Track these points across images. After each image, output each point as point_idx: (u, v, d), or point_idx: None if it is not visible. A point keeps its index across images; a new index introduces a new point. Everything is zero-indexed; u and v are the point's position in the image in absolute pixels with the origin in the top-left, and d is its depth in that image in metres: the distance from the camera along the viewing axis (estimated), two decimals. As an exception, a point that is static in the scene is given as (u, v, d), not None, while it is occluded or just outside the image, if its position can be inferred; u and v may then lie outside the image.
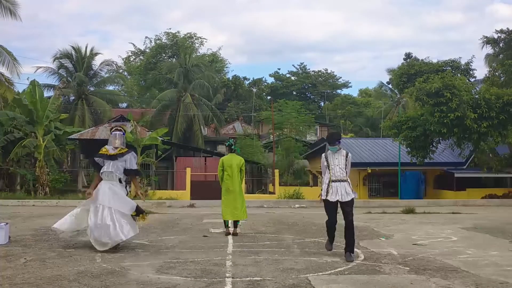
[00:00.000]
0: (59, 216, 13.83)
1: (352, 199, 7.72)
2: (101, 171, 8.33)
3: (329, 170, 7.73)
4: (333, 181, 7.68)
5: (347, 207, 7.67)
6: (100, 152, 8.49)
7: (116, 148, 8.45)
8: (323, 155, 7.94)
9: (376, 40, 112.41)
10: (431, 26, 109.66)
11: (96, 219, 8.14)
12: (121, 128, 8.92)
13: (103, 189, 8.24)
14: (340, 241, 9.45)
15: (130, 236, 8.20)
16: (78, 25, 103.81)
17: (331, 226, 7.79)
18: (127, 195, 8.42)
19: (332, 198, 7.64)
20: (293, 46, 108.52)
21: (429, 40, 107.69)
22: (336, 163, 7.74)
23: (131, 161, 8.48)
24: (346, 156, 7.83)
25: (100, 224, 8.07)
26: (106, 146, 8.57)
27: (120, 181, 8.35)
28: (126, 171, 8.41)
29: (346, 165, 7.76)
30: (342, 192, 7.64)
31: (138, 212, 8.35)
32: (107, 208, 8.12)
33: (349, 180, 7.80)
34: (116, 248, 8.09)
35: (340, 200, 7.64)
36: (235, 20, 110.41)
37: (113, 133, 8.64)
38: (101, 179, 8.38)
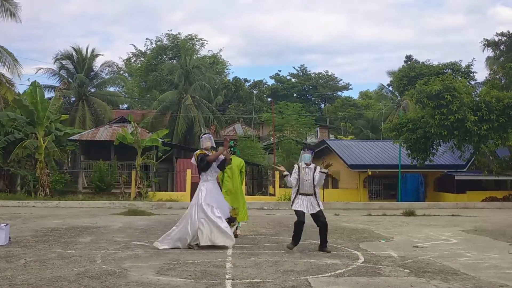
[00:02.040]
0: (59, 217, 13.88)
1: (320, 211, 8.40)
2: (207, 172, 8.94)
3: (298, 183, 8.37)
4: (300, 194, 8.40)
5: (318, 216, 8.38)
6: (200, 153, 9.09)
7: (209, 149, 9.15)
8: (295, 165, 8.56)
9: (377, 42, 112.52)
10: (433, 28, 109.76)
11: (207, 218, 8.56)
12: (209, 132, 9.69)
13: (213, 189, 8.87)
14: (340, 243, 9.47)
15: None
16: (79, 27, 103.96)
17: (299, 225, 8.38)
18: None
19: (299, 208, 8.37)
20: (295, 48, 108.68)
21: (431, 43, 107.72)
22: (306, 178, 8.38)
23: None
24: (315, 170, 8.42)
25: (213, 222, 8.53)
26: (201, 148, 9.23)
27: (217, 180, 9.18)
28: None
29: (314, 178, 8.37)
30: (308, 205, 8.36)
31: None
32: (215, 208, 8.65)
33: (317, 193, 8.46)
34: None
35: (305, 211, 8.36)
36: (237, 22, 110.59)
37: (204, 136, 9.35)
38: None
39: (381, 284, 6.20)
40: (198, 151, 9.20)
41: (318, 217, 8.38)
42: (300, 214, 8.40)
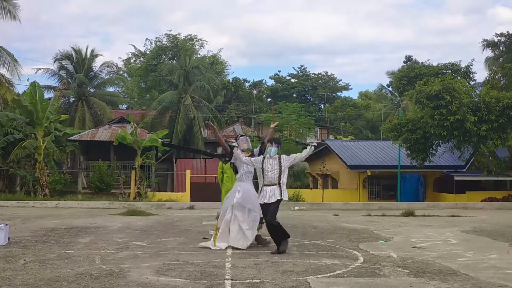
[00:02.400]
0: (59, 217, 13.87)
1: (278, 200, 8.41)
2: (241, 172, 9.07)
3: (263, 175, 8.47)
4: (265, 185, 8.48)
5: (270, 206, 8.39)
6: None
7: (245, 151, 9.20)
8: (260, 158, 8.67)
9: (377, 43, 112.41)
10: (433, 28, 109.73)
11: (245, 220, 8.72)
12: (246, 134, 9.92)
13: (248, 190, 8.96)
14: (340, 243, 9.47)
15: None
16: (79, 27, 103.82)
17: (268, 227, 8.37)
18: None
19: (261, 201, 8.44)
20: (294, 49, 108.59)
21: (430, 43, 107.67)
22: (270, 168, 8.47)
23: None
24: (280, 160, 8.49)
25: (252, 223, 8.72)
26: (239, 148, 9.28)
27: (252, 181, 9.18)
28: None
29: (281, 169, 8.46)
30: (269, 195, 8.41)
31: None
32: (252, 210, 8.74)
33: (282, 184, 8.50)
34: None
35: (266, 202, 8.40)
36: (237, 22, 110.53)
37: (241, 138, 9.44)
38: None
39: (380, 284, 6.20)
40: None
41: (266, 212, 8.39)
42: (265, 213, 8.44)
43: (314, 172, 32.88)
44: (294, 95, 65.65)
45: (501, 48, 30.52)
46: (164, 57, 53.18)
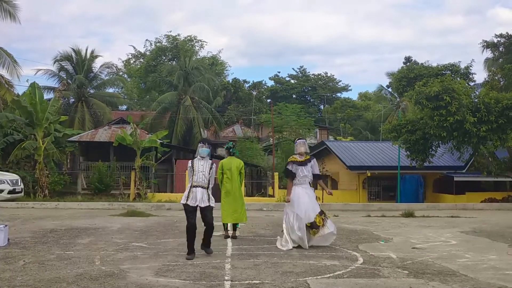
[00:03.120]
0: (58, 218, 13.86)
1: (209, 206, 8.17)
2: (297, 176, 9.16)
3: (193, 175, 8.24)
4: (194, 186, 8.16)
5: (206, 211, 8.13)
6: (290, 160, 9.47)
7: (302, 154, 9.39)
8: (190, 161, 8.52)
9: (377, 43, 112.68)
10: (432, 29, 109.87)
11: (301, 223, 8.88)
12: (304, 138, 9.98)
13: (302, 194, 9.06)
14: (339, 244, 9.47)
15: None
16: (79, 27, 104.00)
17: (191, 229, 8.07)
18: (316, 198, 9.38)
19: (191, 203, 8.09)
20: (294, 49, 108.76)
21: (430, 44, 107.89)
22: (201, 169, 8.22)
23: (316, 166, 9.53)
24: (211, 165, 8.35)
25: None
26: (294, 154, 9.52)
27: (310, 184, 9.29)
28: (314, 176, 9.38)
29: (210, 173, 8.27)
30: (199, 197, 8.09)
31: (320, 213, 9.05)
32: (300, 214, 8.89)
33: (209, 188, 8.31)
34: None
35: (199, 205, 8.11)
36: (236, 23, 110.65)
37: (298, 141, 9.63)
38: (292, 185, 9.29)
39: (380, 285, 6.20)
40: (290, 157, 9.59)
41: (206, 215, 8.12)
42: (191, 216, 8.06)
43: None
44: (294, 96, 65.68)
45: (500, 49, 30.55)
46: (164, 58, 53.24)
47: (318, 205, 9.29)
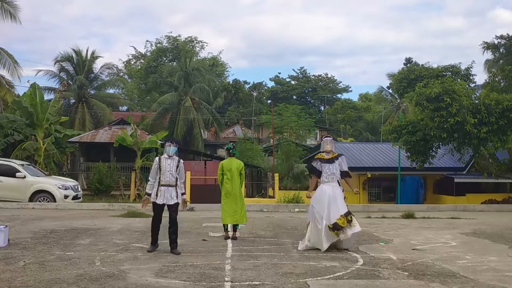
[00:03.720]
0: (59, 219, 13.86)
1: (177, 203, 8.49)
2: (324, 174, 9.02)
3: (160, 174, 8.42)
4: (162, 185, 8.41)
5: (172, 208, 8.46)
6: (317, 157, 9.37)
7: (329, 152, 9.23)
8: (156, 158, 8.71)
9: (377, 45, 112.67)
10: (433, 31, 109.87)
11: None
12: (331, 136, 9.93)
13: (326, 192, 8.87)
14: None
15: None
16: (80, 28, 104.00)
17: (155, 225, 8.46)
18: (344, 198, 9.10)
19: (159, 201, 8.40)
20: (295, 50, 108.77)
21: (431, 45, 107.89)
22: (168, 168, 8.46)
23: (344, 163, 9.34)
24: (178, 163, 8.54)
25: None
26: (320, 152, 9.48)
27: (338, 182, 9.10)
28: (342, 173, 9.22)
29: (178, 171, 8.51)
30: (168, 196, 8.40)
31: (346, 214, 8.85)
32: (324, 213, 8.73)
33: (179, 185, 8.55)
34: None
35: (166, 203, 8.41)
36: (237, 24, 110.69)
37: (324, 139, 9.54)
38: (316, 182, 9.34)
39: (380, 286, 6.20)
40: (318, 154, 9.53)
41: (172, 211, 8.42)
42: (158, 213, 8.44)
43: (314, 174, 32.82)
44: (294, 97, 65.69)
45: (501, 50, 30.48)
46: (165, 58, 53.25)
47: (345, 205, 8.93)
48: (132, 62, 59.21)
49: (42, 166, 22.40)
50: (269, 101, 58.83)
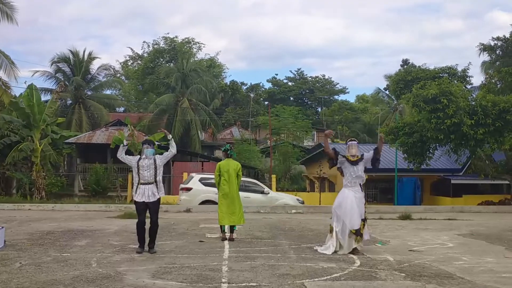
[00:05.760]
0: (55, 220, 13.82)
1: (158, 199, 8.69)
2: (348, 177, 8.92)
3: (138, 173, 8.64)
4: (141, 183, 8.60)
5: (153, 206, 8.60)
6: (346, 156, 9.15)
7: (354, 156, 9.03)
8: (136, 157, 8.92)
9: (375, 47, 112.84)
10: (431, 33, 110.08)
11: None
12: (356, 140, 9.68)
13: (350, 197, 8.76)
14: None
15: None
16: (78, 30, 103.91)
17: (141, 226, 8.54)
18: (364, 203, 8.99)
19: (139, 198, 8.57)
20: (293, 52, 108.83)
21: (428, 47, 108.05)
22: (146, 168, 8.62)
23: (368, 155, 9.21)
24: (154, 160, 8.68)
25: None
26: (347, 153, 9.19)
27: (361, 186, 8.99)
28: (373, 159, 9.18)
29: (155, 166, 8.64)
30: (149, 193, 8.56)
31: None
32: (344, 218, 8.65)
33: (158, 182, 8.70)
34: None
35: (146, 201, 8.55)
36: (235, 26, 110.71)
37: (350, 142, 9.36)
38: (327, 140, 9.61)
39: (377, 288, 6.20)
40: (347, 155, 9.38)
41: (152, 214, 8.59)
42: (141, 212, 8.58)
43: (311, 175, 32.87)
44: (292, 98, 65.75)
45: (497, 52, 30.61)
46: (162, 60, 53.20)
47: (364, 211, 8.82)
48: (129, 63, 59.17)
49: (38, 167, 22.34)
50: (266, 103, 58.88)
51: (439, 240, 10.69)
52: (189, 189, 19.11)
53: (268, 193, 19.91)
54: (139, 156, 8.95)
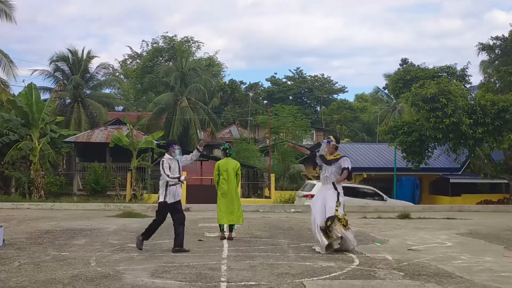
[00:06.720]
0: (54, 219, 13.81)
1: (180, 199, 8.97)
2: (321, 174, 9.05)
3: (168, 175, 8.63)
4: (171, 185, 8.66)
5: (180, 204, 8.96)
6: (323, 154, 9.20)
7: (332, 153, 9.13)
8: (162, 159, 8.91)
9: (374, 46, 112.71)
10: (430, 32, 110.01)
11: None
12: (331, 139, 9.39)
13: (320, 194, 9.00)
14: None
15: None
16: (77, 28, 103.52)
17: (159, 225, 8.84)
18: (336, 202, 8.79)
19: (171, 200, 8.65)
20: (292, 51, 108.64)
21: (428, 46, 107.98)
22: (175, 169, 8.75)
23: (345, 162, 9.04)
24: (178, 162, 8.87)
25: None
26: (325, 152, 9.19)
27: (334, 185, 8.87)
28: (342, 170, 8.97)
29: (179, 168, 8.89)
30: (178, 193, 8.78)
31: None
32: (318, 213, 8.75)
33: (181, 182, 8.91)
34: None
35: (176, 200, 8.72)
36: (234, 25, 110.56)
37: (323, 141, 9.56)
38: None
39: (375, 287, 6.21)
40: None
41: (181, 208, 8.88)
42: (167, 212, 8.75)
43: (310, 174, 32.83)
44: (291, 97, 65.70)
45: (496, 51, 30.60)
46: (161, 58, 53.12)
47: (334, 209, 8.59)
48: (128, 62, 59.05)
49: (37, 166, 22.31)
50: (265, 102, 58.85)
51: (438, 239, 10.70)
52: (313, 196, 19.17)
53: (386, 200, 21.31)
54: (164, 159, 8.85)
